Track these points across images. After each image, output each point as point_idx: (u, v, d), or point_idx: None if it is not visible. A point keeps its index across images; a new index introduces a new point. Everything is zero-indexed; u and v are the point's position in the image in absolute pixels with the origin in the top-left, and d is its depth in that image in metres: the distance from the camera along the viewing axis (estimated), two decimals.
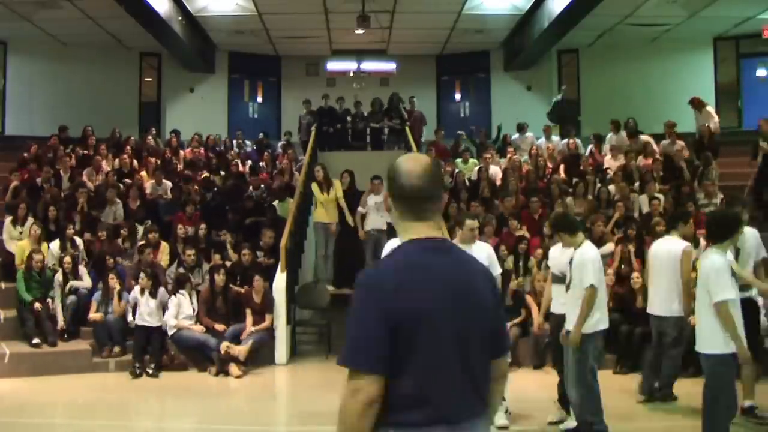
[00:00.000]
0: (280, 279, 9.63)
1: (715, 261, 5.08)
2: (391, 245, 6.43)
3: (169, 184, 12.40)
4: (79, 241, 10.38)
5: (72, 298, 9.43)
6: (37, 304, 9.07)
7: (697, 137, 13.93)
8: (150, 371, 8.67)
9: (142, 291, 9.10)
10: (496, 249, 9.63)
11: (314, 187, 11.45)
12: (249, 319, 9.15)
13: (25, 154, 13.39)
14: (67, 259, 9.58)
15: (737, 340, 4.95)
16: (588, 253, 5.86)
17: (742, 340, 4.99)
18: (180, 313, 9.03)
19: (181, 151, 14.54)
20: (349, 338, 2.18)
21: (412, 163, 2.31)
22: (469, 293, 2.25)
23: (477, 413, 2.25)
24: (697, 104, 14.59)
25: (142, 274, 9.19)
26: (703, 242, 9.71)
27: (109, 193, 11.53)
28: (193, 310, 9.16)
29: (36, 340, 8.94)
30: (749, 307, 6.08)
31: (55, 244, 10.19)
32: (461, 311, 2.21)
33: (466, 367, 2.21)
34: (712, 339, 5.01)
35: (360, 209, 11.27)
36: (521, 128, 15.48)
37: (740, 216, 5.75)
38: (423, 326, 2.15)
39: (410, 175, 2.28)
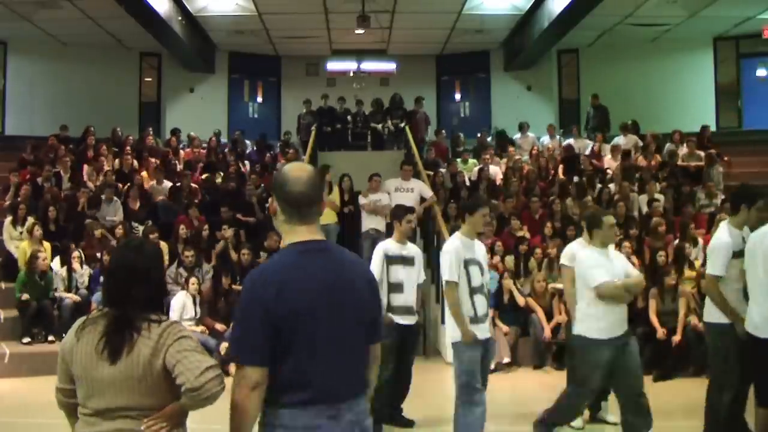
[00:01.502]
0: None
1: (718, 237, 5.24)
2: (383, 247, 6.44)
3: (168, 184, 12.40)
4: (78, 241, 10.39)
5: (72, 297, 9.45)
6: (34, 303, 9.09)
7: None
8: None
9: None
10: (492, 248, 9.66)
11: None
12: None
13: (24, 155, 13.39)
14: (75, 254, 9.60)
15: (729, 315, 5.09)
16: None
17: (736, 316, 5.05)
18: (183, 313, 9.03)
19: (181, 151, 14.54)
20: (235, 335, 2.56)
21: (298, 172, 2.61)
22: (344, 290, 2.57)
23: (356, 392, 2.59)
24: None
25: None
26: (701, 242, 9.76)
27: (107, 192, 11.53)
28: (196, 313, 9.17)
29: (26, 339, 8.96)
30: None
31: (56, 246, 10.21)
32: (336, 306, 2.54)
33: (343, 354, 2.55)
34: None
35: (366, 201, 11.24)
36: (522, 128, 15.50)
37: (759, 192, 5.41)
38: (300, 323, 2.47)
39: (297, 182, 2.59)
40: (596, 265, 5.20)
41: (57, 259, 10.04)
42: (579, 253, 5.58)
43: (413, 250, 6.62)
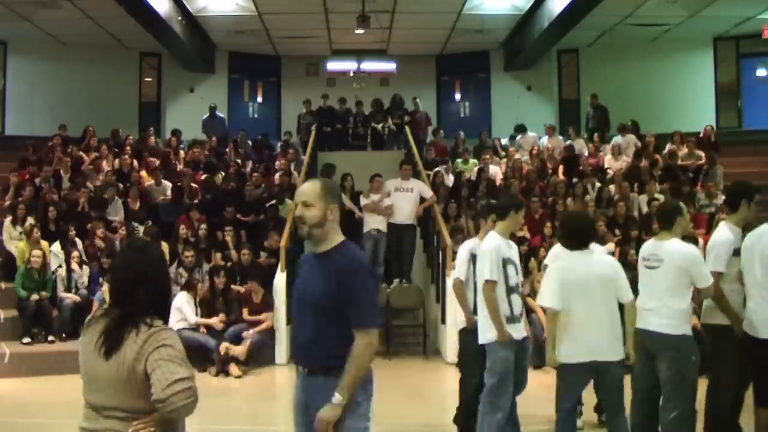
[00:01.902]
0: (280, 279, 9.64)
1: (719, 234, 5.19)
2: (554, 252, 6.10)
3: (168, 184, 12.40)
4: (79, 241, 10.39)
5: (72, 297, 9.45)
6: (34, 296, 9.14)
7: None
8: None
9: None
10: None
11: None
12: (246, 317, 9.16)
13: (27, 155, 13.38)
14: (75, 254, 9.61)
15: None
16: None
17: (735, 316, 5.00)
18: (185, 317, 9.04)
19: (181, 152, 14.54)
20: (371, 305, 3.22)
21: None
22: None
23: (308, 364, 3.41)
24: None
25: None
26: (702, 242, 9.74)
27: (108, 192, 11.53)
28: (196, 314, 9.16)
29: (26, 339, 8.97)
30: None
31: (56, 246, 10.21)
32: None
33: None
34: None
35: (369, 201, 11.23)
36: (522, 128, 15.49)
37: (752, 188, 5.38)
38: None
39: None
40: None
41: (56, 244, 10.12)
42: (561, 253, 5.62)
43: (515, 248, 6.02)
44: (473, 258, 5.73)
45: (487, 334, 5.25)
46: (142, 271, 2.78)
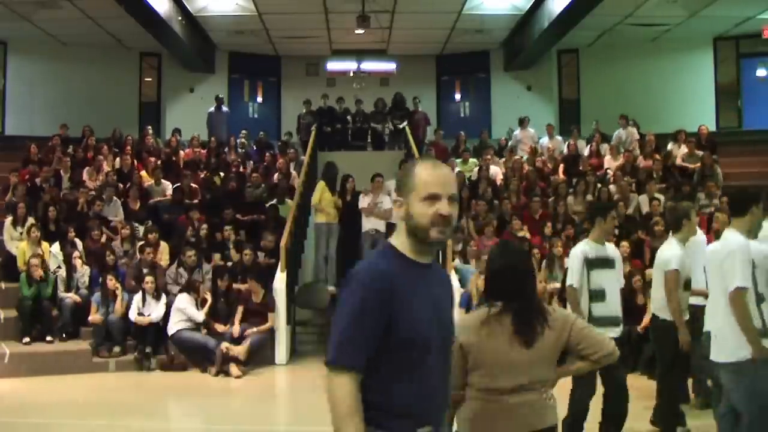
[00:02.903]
0: (280, 279, 9.64)
1: (735, 241, 4.56)
2: (580, 249, 5.67)
3: (168, 184, 12.40)
4: (78, 242, 10.39)
5: (72, 297, 9.45)
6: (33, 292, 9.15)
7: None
8: (151, 366, 8.82)
9: (145, 293, 9.14)
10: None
11: (322, 186, 11.32)
12: (238, 317, 9.18)
13: (29, 155, 13.37)
14: (75, 254, 9.63)
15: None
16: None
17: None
18: (190, 317, 9.04)
19: (181, 152, 14.53)
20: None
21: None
22: None
23: None
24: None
25: (148, 277, 9.20)
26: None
27: (108, 192, 11.53)
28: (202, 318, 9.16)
29: (26, 339, 8.98)
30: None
31: (56, 246, 10.21)
32: None
33: None
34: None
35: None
36: (522, 123, 15.47)
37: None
38: None
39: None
40: None
41: (56, 244, 10.14)
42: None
43: (612, 250, 5.79)
44: (588, 263, 5.48)
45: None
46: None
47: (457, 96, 19.45)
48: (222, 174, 13.28)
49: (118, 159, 13.32)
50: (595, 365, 3.18)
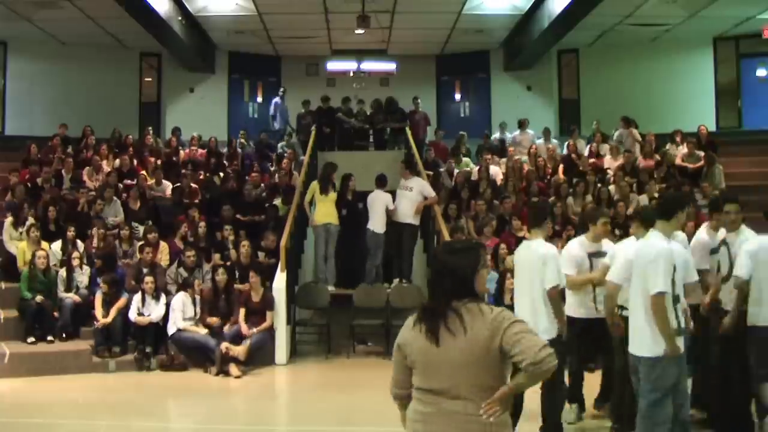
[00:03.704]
0: (280, 279, 9.64)
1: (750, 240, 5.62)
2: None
3: (168, 184, 12.39)
4: (79, 242, 10.39)
5: (72, 298, 9.45)
6: (39, 297, 9.14)
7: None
8: (151, 366, 8.82)
9: (145, 293, 9.14)
10: (496, 250, 9.63)
11: (314, 186, 11.32)
12: (242, 317, 9.16)
13: (30, 155, 13.37)
14: (76, 254, 9.63)
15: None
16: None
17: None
18: (184, 314, 9.06)
19: (181, 152, 14.54)
20: None
21: None
22: None
23: None
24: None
25: (148, 277, 9.21)
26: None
27: (107, 192, 11.53)
28: (195, 314, 9.19)
29: (31, 339, 8.97)
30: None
31: (57, 245, 10.21)
32: None
33: None
34: None
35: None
36: (521, 125, 15.48)
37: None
38: None
39: None
40: None
41: (56, 244, 10.13)
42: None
43: (607, 245, 6.37)
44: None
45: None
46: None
47: (457, 96, 19.44)
48: (222, 174, 13.28)
49: (118, 159, 13.32)
50: (530, 379, 2.91)
